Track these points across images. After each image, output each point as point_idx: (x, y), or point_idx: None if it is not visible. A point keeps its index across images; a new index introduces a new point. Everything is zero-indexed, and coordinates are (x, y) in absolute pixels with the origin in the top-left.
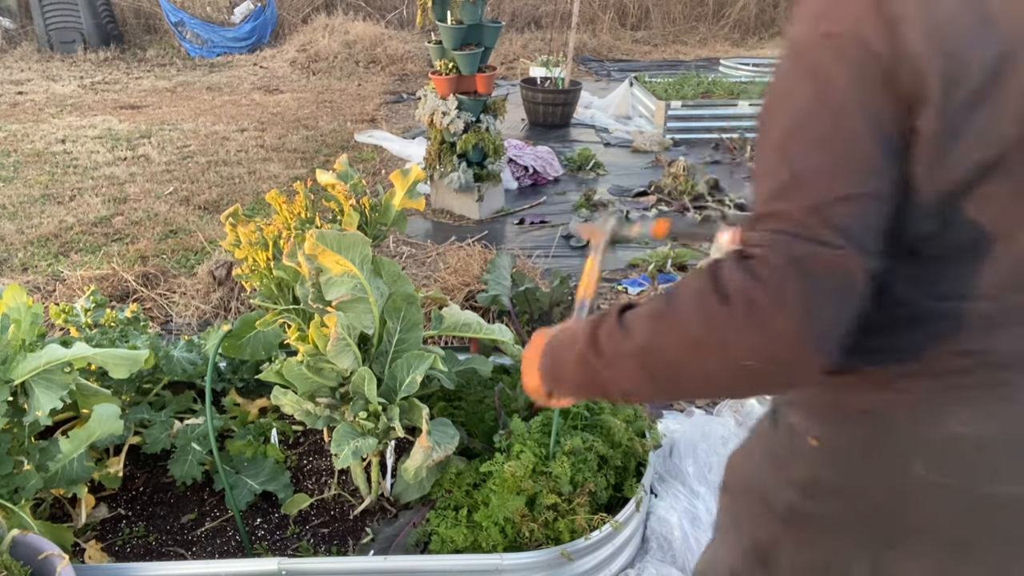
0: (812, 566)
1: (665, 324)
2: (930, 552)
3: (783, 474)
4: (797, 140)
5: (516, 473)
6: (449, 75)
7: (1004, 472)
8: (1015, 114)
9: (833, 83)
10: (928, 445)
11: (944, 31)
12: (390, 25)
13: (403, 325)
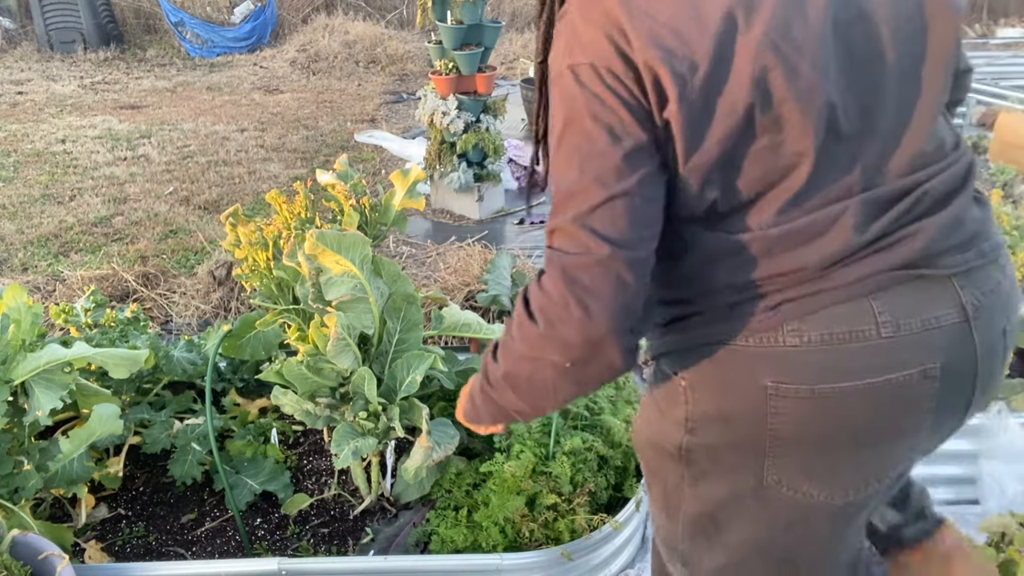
0: (713, 498)
1: (508, 348)
2: (796, 454)
3: (668, 418)
4: (560, 161)
5: (516, 473)
6: (449, 75)
7: (839, 370)
8: (747, 82)
9: (577, 109)
10: (769, 361)
11: (664, 35)
12: (390, 25)
13: (403, 325)
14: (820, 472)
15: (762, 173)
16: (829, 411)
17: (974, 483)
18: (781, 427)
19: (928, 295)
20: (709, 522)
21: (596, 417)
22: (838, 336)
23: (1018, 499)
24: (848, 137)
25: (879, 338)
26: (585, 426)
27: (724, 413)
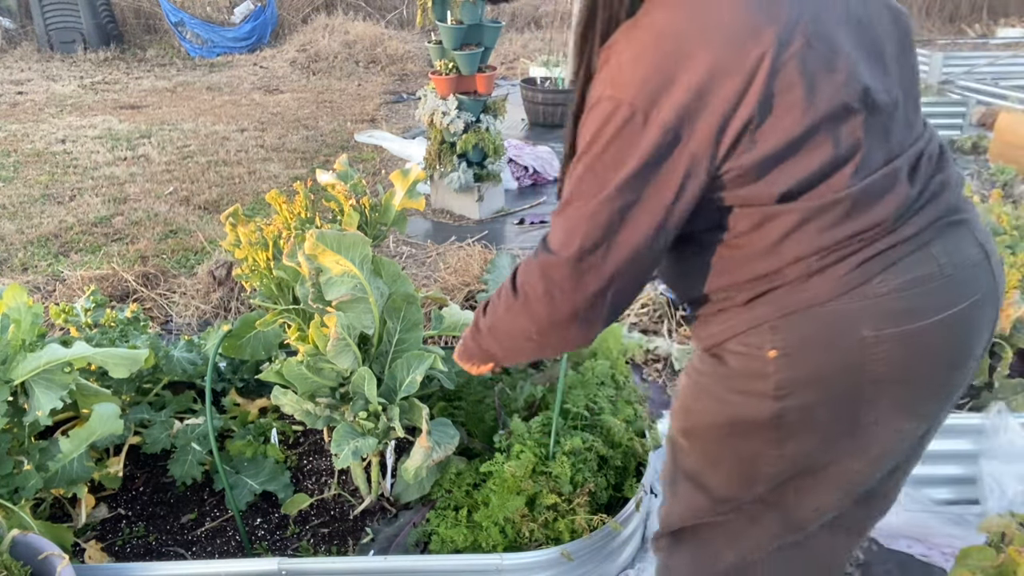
0: (804, 451)
1: (494, 308)
2: (891, 393)
3: (751, 394)
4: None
5: (516, 473)
6: (449, 75)
7: (921, 310)
8: (800, 82)
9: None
10: (865, 312)
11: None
12: (390, 25)
13: (403, 325)
14: (911, 405)
15: (833, 152)
16: (918, 348)
17: (974, 483)
18: (879, 371)
19: (962, 238)
20: (795, 476)
21: (596, 417)
22: (915, 280)
23: (1018, 499)
24: (882, 110)
25: (942, 278)
26: (585, 426)
27: (821, 371)
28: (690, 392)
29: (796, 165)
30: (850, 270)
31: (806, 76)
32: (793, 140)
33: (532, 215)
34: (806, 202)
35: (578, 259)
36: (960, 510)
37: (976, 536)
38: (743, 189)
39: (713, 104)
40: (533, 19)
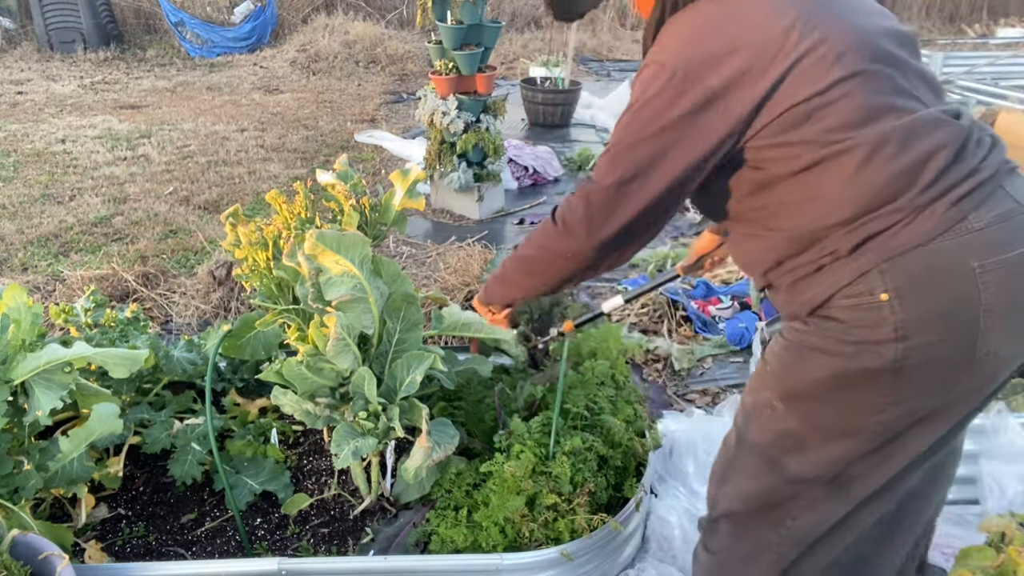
0: (921, 393)
1: (531, 241)
2: (1004, 321)
3: (870, 340)
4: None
5: (516, 473)
6: (449, 75)
7: (1014, 240)
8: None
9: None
10: (969, 245)
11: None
12: (390, 25)
13: (403, 325)
14: (1016, 331)
15: (864, 99)
16: (1020, 274)
17: (974, 483)
18: (992, 300)
19: (1021, 181)
20: (907, 417)
21: (596, 417)
22: (1002, 215)
23: (1018, 499)
24: (901, 66)
25: (1021, 212)
26: (585, 426)
27: (940, 306)
28: (791, 355)
29: (833, 108)
30: (947, 208)
31: (827, 49)
32: (821, 90)
33: (532, 215)
34: (858, 136)
35: (617, 187)
36: (960, 510)
37: (976, 536)
38: (795, 131)
39: (748, 84)
40: (533, 19)
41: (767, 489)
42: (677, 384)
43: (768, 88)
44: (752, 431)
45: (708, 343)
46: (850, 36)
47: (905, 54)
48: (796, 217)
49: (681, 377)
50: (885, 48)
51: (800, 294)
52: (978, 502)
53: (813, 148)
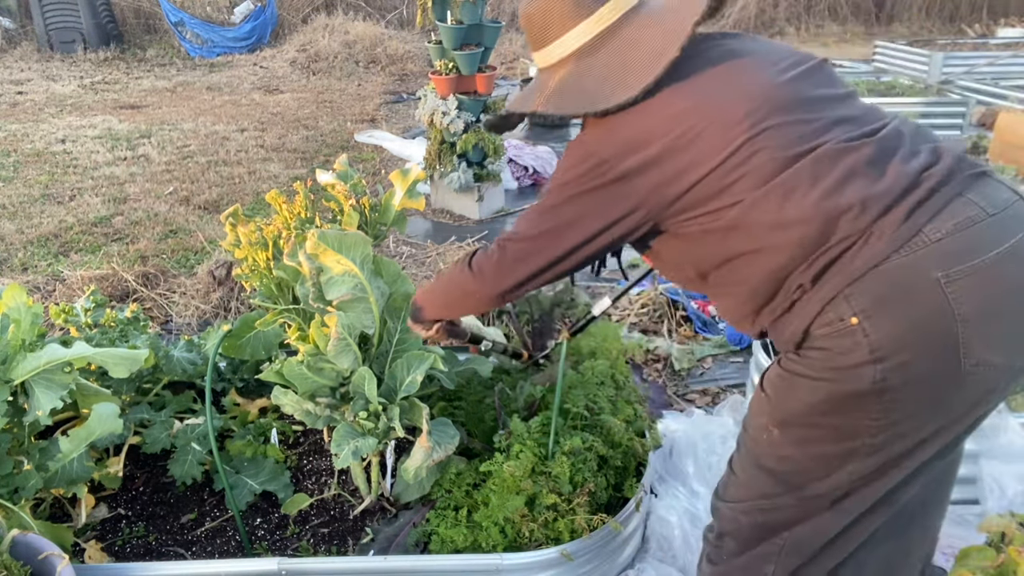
0: (910, 412)
1: (448, 277)
2: (983, 328)
3: (849, 365)
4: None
5: (515, 473)
6: (449, 75)
7: (978, 247)
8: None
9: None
10: (928, 258)
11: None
12: (390, 25)
13: (403, 325)
14: (1002, 338)
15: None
16: (991, 280)
17: (974, 483)
18: (966, 309)
19: (991, 186)
20: (899, 438)
21: (596, 417)
22: (963, 223)
23: (1018, 499)
24: (786, 120)
25: (987, 217)
26: (585, 426)
27: (911, 322)
28: (784, 383)
29: (742, 169)
30: (896, 225)
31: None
32: (724, 158)
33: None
34: (769, 186)
35: (531, 241)
36: (960, 510)
37: (976, 536)
38: (716, 199)
39: (655, 167)
40: None
41: (768, 507)
42: (677, 384)
43: (678, 169)
44: (752, 453)
45: (708, 343)
46: (745, 102)
47: (810, 86)
48: (751, 268)
49: (681, 377)
50: (784, 97)
51: (782, 332)
52: (978, 502)
53: (736, 209)
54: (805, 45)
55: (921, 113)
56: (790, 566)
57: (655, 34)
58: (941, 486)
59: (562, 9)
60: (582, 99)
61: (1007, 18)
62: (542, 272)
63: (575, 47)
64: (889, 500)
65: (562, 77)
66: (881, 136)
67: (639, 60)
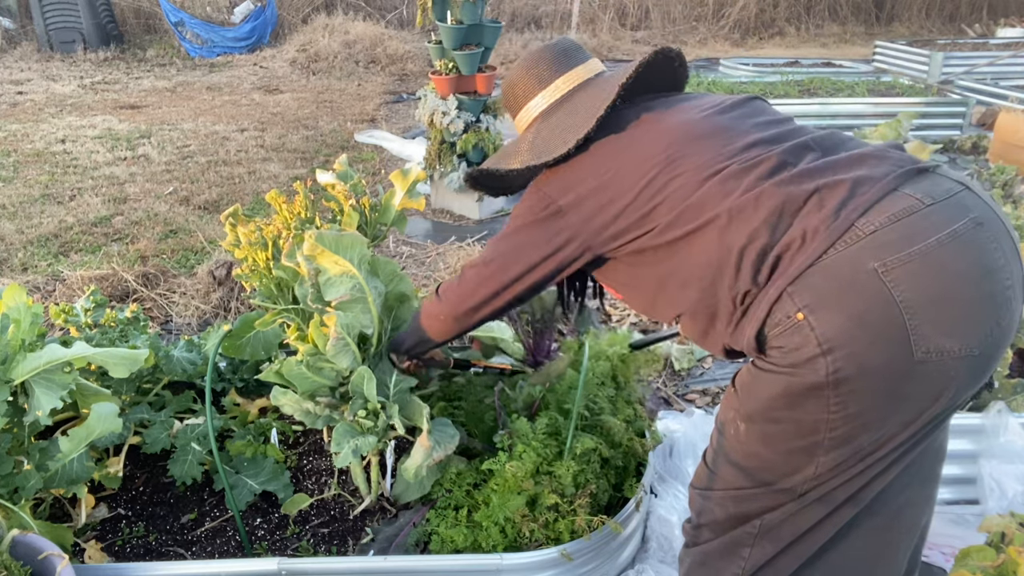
0: (868, 406)
1: (425, 311)
2: (931, 314)
3: (802, 360)
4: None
5: (518, 473)
6: (449, 75)
7: (916, 234)
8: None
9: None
10: (863, 250)
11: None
12: (390, 25)
13: (392, 324)
14: (954, 324)
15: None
16: (931, 266)
17: (974, 483)
18: (908, 296)
19: (933, 180)
20: (862, 430)
21: (596, 417)
22: (898, 214)
23: (1018, 499)
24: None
25: (925, 207)
26: (586, 426)
27: (853, 312)
28: (750, 377)
29: (663, 194)
30: (826, 223)
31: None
32: (645, 185)
33: None
34: (700, 211)
35: (483, 266)
36: (960, 510)
37: (976, 536)
38: (647, 219)
39: (587, 202)
40: (533, 19)
41: (741, 497)
42: (677, 384)
43: (602, 202)
44: (723, 448)
45: None
46: (664, 138)
47: (730, 119)
48: (689, 285)
49: (681, 377)
50: (700, 129)
51: (741, 340)
52: (978, 502)
53: (656, 232)
54: (805, 45)
55: (921, 113)
56: (766, 553)
57: (593, 101)
58: (925, 483)
59: (525, 84)
60: (534, 153)
61: (1007, 18)
62: (495, 296)
63: (536, 113)
64: (862, 495)
65: (530, 139)
66: (788, 148)
67: (576, 123)
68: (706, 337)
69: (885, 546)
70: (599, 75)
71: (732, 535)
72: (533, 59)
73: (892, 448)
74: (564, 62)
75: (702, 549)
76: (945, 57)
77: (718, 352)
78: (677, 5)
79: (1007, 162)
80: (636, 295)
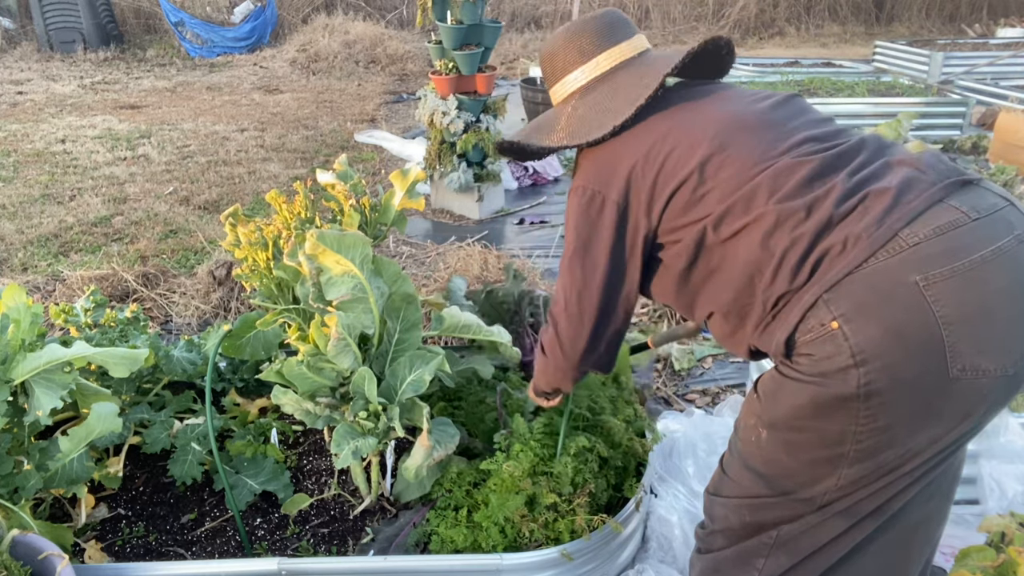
0: (896, 420)
1: (538, 363)
2: (969, 332)
3: (833, 369)
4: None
5: (514, 473)
6: (449, 75)
7: (961, 249)
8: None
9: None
10: (906, 262)
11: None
12: (390, 25)
13: (403, 325)
14: (991, 343)
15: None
16: (974, 283)
17: (974, 483)
18: (948, 312)
19: (977, 193)
20: (888, 445)
21: (597, 417)
22: (943, 227)
23: (1018, 499)
24: (745, 137)
25: (970, 221)
26: (587, 426)
27: (892, 324)
28: (774, 385)
29: (710, 183)
30: (871, 231)
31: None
32: (691, 171)
33: (532, 215)
34: (751, 206)
35: (576, 303)
36: (960, 510)
37: (976, 536)
38: (692, 210)
39: (635, 188)
40: (533, 19)
41: (758, 505)
42: (677, 384)
43: (651, 185)
44: (742, 455)
45: (708, 343)
46: (713, 124)
47: (778, 114)
48: (738, 285)
49: (681, 377)
50: (750, 120)
51: (770, 343)
52: (978, 502)
53: (707, 221)
54: (805, 45)
55: (921, 113)
56: (781, 565)
57: (635, 84)
58: (945, 500)
59: (565, 56)
60: (570, 134)
61: (1007, 18)
62: (604, 315)
63: (574, 88)
64: (884, 510)
65: (567, 116)
66: (839, 151)
67: (615, 107)
68: (732, 337)
69: (900, 561)
70: (643, 54)
71: (746, 544)
72: (576, 30)
73: (917, 464)
74: (609, 36)
75: (715, 556)
76: (945, 57)
77: (742, 352)
78: (677, 5)
79: (1007, 162)
80: (672, 291)
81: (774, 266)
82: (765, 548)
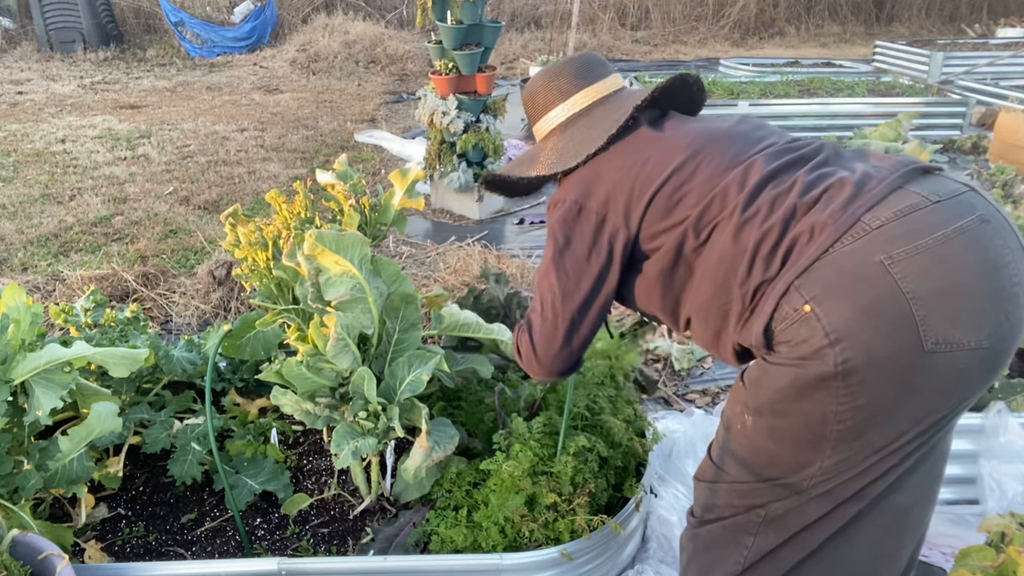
0: (877, 397)
1: (514, 353)
2: (939, 306)
3: (810, 351)
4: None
5: (514, 473)
6: (449, 75)
7: (922, 229)
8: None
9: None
10: (870, 243)
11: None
12: (390, 25)
13: (402, 325)
14: (962, 315)
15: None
16: (938, 259)
17: (974, 483)
18: (915, 287)
19: (938, 180)
20: (870, 424)
21: (596, 417)
22: (903, 210)
23: (1018, 499)
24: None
25: (931, 204)
26: (586, 426)
27: (861, 303)
28: (758, 372)
29: (687, 185)
30: (834, 218)
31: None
32: (669, 175)
33: (532, 215)
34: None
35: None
36: (960, 510)
37: (976, 536)
38: (671, 214)
39: (615, 201)
40: (533, 19)
41: (745, 490)
42: (677, 384)
43: (628, 193)
44: (728, 442)
45: None
46: (686, 137)
47: (745, 128)
48: (714, 282)
49: (681, 377)
50: (720, 133)
51: (750, 337)
52: (978, 502)
53: (685, 224)
54: (805, 45)
55: (921, 113)
56: (769, 542)
57: (610, 118)
58: (931, 482)
59: (546, 95)
60: (549, 164)
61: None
62: (578, 320)
63: (554, 124)
64: (868, 490)
65: (548, 150)
66: (800, 153)
67: (591, 137)
68: (717, 340)
69: (890, 544)
70: (618, 92)
71: (737, 519)
72: (556, 71)
73: (900, 445)
74: (585, 76)
75: (704, 536)
76: (945, 57)
77: (729, 357)
78: (677, 5)
79: (1007, 162)
80: (656, 300)
81: (748, 259)
82: (754, 525)
